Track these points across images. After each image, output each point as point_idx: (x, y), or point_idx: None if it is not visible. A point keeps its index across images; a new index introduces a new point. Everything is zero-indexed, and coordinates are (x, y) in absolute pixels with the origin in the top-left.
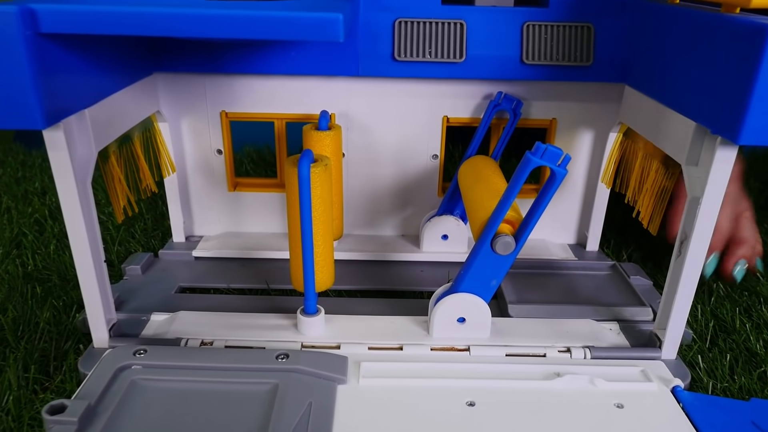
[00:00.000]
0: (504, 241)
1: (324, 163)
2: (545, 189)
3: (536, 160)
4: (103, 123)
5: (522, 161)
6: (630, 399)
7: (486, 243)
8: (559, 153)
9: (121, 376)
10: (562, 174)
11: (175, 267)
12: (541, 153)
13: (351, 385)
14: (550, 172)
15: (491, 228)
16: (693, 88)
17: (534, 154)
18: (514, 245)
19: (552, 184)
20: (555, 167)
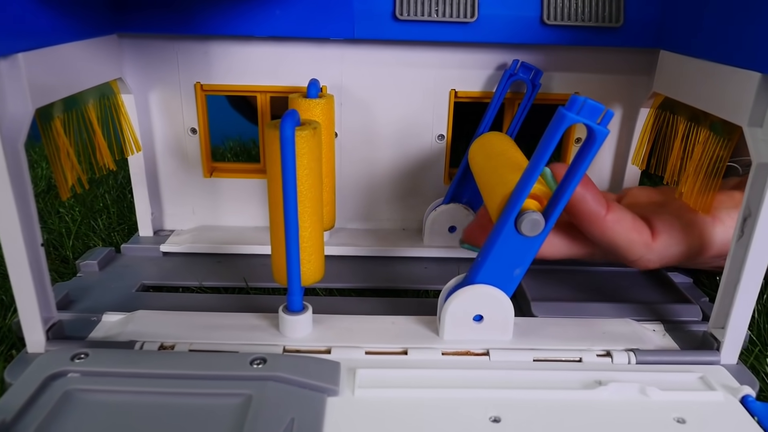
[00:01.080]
0: (531, 219)
1: (312, 127)
2: (582, 153)
3: (572, 116)
4: (43, 76)
5: (554, 118)
6: (692, 411)
7: (509, 222)
8: (600, 108)
9: (52, 385)
10: (604, 134)
11: (139, 263)
12: (578, 108)
13: (344, 396)
14: (589, 132)
15: (515, 204)
16: (758, 32)
17: (569, 110)
18: (543, 224)
19: (591, 146)
20: (595, 125)
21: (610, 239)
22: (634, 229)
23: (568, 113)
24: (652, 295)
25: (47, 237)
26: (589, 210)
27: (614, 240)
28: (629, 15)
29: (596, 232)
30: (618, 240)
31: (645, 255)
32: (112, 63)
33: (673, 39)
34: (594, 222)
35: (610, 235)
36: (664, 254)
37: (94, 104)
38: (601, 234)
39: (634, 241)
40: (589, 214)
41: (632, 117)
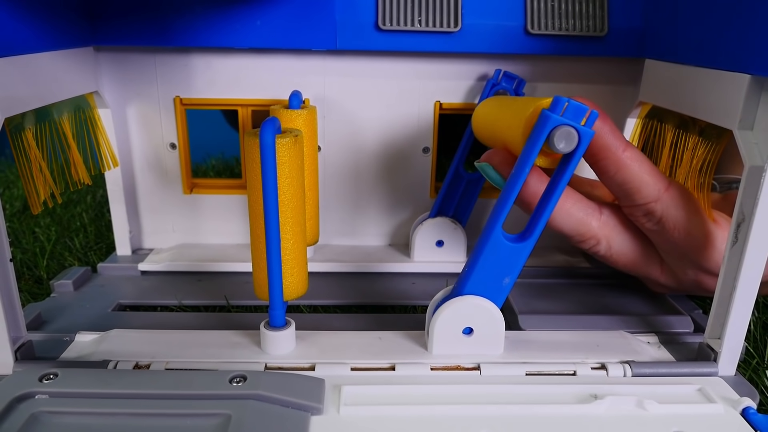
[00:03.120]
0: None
1: (294, 135)
2: (567, 156)
3: (556, 118)
4: (12, 85)
5: (538, 120)
6: (692, 424)
7: (497, 227)
8: (584, 109)
9: (19, 408)
10: (589, 135)
11: (116, 282)
12: (562, 109)
13: (329, 415)
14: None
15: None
16: (744, 34)
17: (553, 111)
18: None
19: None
20: (579, 127)
21: (624, 176)
22: (650, 172)
23: (551, 115)
24: (641, 306)
25: (21, 257)
26: (606, 143)
27: (628, 177)
28: (613, 24)
29: (611, 167)
30: (631, 178)
31: (653, 202)
32: (88, 76)
33: (658, 47)
34: (610, 156)
35: (624, 172)
36: (671, 212)
37: (68, 117)
38: (616, 169)
39: (647, 183)
40: (605, 148)
41: (619, 127)
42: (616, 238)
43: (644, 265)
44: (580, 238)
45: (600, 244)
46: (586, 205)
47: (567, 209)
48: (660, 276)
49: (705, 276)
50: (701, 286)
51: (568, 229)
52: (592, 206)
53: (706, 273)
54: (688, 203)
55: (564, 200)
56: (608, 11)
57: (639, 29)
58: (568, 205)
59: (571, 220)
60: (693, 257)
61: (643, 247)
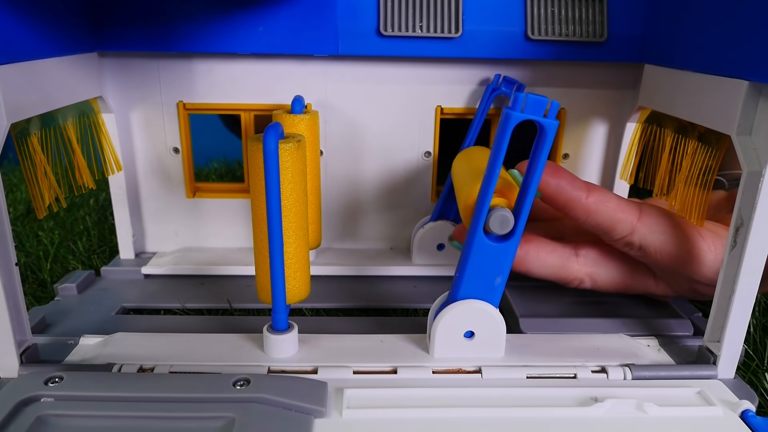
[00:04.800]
0: (499, 215)
1: (297, 140)
2: (536, 148)
3: (517, 115)
4: (19, 90)
5: (501, 119)
6: (691, 427)
7: (479, 229)
8: (544, 101)
9: (24, 411)
10: (553, 126)
11: (119, 286)
12: (522, 105)
13: (331, 418)
14: (538, 127)
15: (482, 205)
16: (743, 40)
17: (513, 108)
18: (512, 220)
19: (543, 140)
20: (542, 119)
21: (595, 221)
22: (618, 208)
23: (512, 112)
24: (641, 310)
25: (25, 260)
26: (569, 196)
27: (599, 220)
28: (613, 30)
29: (581, 215)
30: (603, 220)
31: (629, 235)
32: (92, 81)
33: (657, 52)
34: (576, 206)
35: (594, 216)
36: (649, 239)
37: (73, 122)
38: (586, 216)
39: (619, 219)
40: (569, 201)
41: (619, 132)
42: (600, 272)
43: (636, 285)
44: (563, 282)
45: (584, 282)
46: (560, 251)
47: (543, 259)
48: (656, 289)
49: (699, 285)
50: (699, 293)
51: (548, 276)
52: (567, 250)
53: (698, 283)
54: (665, 224)
55: (537, 251)
56: (608, 17)
57: (638, 35)
58: (543, 255)
59: (548, 268)
60: (682, 272)
61: (630, 270)
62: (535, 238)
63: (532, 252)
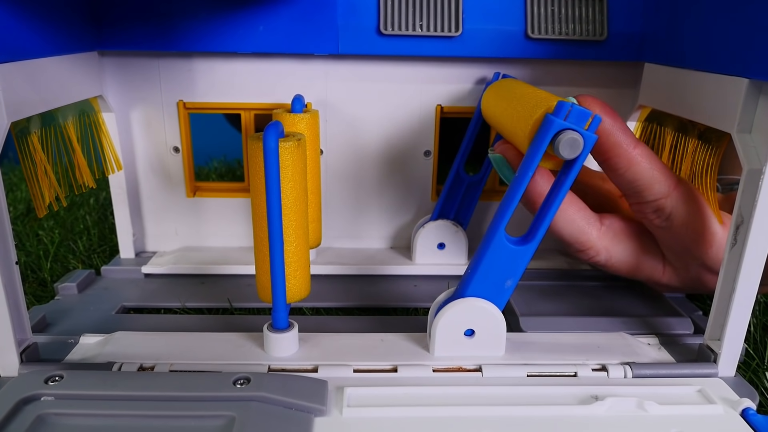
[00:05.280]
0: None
1: (297, 138)
2: (570, 161)
3: (559, 122)
4: (19, 89)
5: (542, 125)
6: (691, 425)
7: (499, 230)
8: (587, 114)
9: (24, 409)
10: (592, 140)
11: (119, 285)
12: (566, 114)
13: (332, 416)
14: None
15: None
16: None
17: (556, 115)
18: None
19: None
20: (583, 131)
21: (634, 174)
22: (660, 169)
23: (555, 119)
24: (642, 308)
25: (25, 260)
26: (618, 140)
27: (638, 174)
28: (613, 29)
29: (622, 163)
30: (642, 175)
31: (663, 198)
32: (92, 80)
33: (657, 51)
34: (621, 154)
35: (635, 168)
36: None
37: (73, 121)
38: (627, 167)
39: (657, 180)
40: (616, 144)
41: None
42: (616, 248)
43: (645, 270)
44: (580, 247)
45: (599, 254)
46: (588, 215)
47: (570, 215)
48: (662, 277)
49: (707, 273)
50: (703, 282)
51: (568, 235)
52: (594, 216)
53: (708, 270)
54: (696, 201)
55: (567, 206)
56: (608, 16)
57: (638, 33)
58: (572, 211)
59: (572, 226)
60: (697, 254)
61: (643, 253)
62: (569, 193)
63: (563, 204)
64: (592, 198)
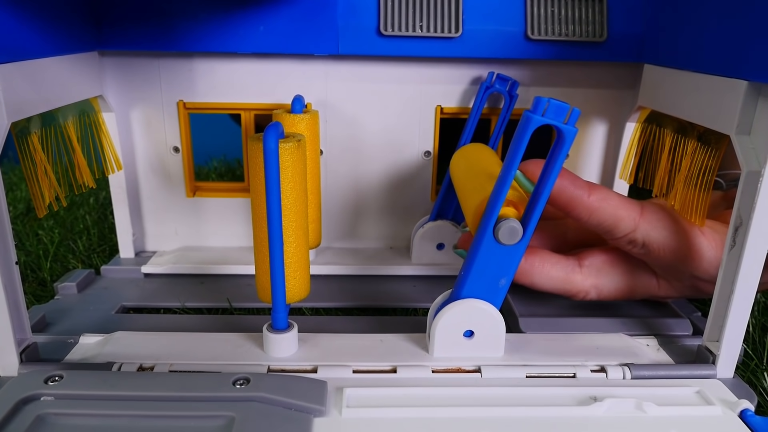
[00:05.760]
0: (509, 227)
1: (297, 139)
2: (553, 154)
3: (538, 119)
4: (19, 89)
5: (521, 121)
6: (690, 426)
7: (488, 232)
8: (565, 107)
9: (24, 409)
10: (572, 132)
11: (119, 285)
12: (543, 109)
13: (331, 417)
14: (557, 132)
15: (491, 213)
16: (742, 40)
17: (534, 112)
18: (521, 231)
19: (560, 147)
20: (562, 125)
21: (598, 219)
22: (621, 205)
23: (533, 116)
24: (640, 309)
25: (25, 259)
26: (571, 196)
27: (601, 218)
28: (612, 30)
29: (583, 215)
30: (606, 218)
31: (632, 232)
32: (93, 80)
33: (657, 52)
34: (579, 206)
35: (597, 215)
36: (652, 236)
37: (73, 121)
38: (589, 215)
39: (621, 217)
40: (571, 200)
41: (618, 131)
42: (604, 281)
43: (640, 290)
44: (568, 295)
45: (590, 294)
46: (564, 263)
47: (546, 272)
48: (658, 291)
49: (701, 282)
50: (699, 290)
51: (552, 289)
52: (571, 262)
53: (701, 280)
54: (666, 220)
55: (542, 264)
56: (607, 17)
57: (638, 35)
58: (547, 268)
59: (553, 282)
60: (685, 268)
61: (633, 276)
62: (540, 251)
63: (537, 264)
64: (573, 233)
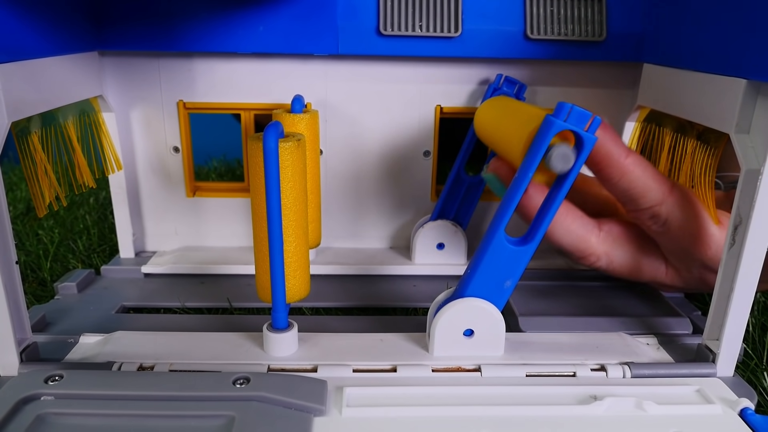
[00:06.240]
0: (561, 152)
1: (296, 139)
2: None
3: (560, 123)
4: (19, 89)
5: (542, 126)
6: (690, 425)
7: (499, 231)
8: (587, 115)
9: (24, 409)
10: (592, 140)
11: (119, 285)
12: (566, 115)
13: (331, 416)
14: (577, 139)
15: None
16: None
17: (557, 116)
18: (574, 157)
19: (579, 154)
20: (583, 132)
21: (628, 183)
22: (653, 176)
23: (555, 120)
24: (640, 308)
25: (25, 259)
26: (609, 151)
27: (632, 183)
28: (612, 29)
29: (615, 174)
30: (635, 184)
31: (658, 205)
32: (93, 80)
33: (656, 51)
34: (614, 164)
35: (628, 178)
36: (676, 214)
37: (73, 121)
38: (620, 176)
39: (651, 188)
40: (608, 156)
41: (618, 130)
42: (616, 252)
43: (647, 272)
44: (580, 254)
45: (600, 260)
46: (585, 222)
47: (567, 225)
48: (665, 278)
49: (709, 273)
50: (706, 282)
51: (567, 244)
52: (591, 222)
53: (709, 270)
54: (692, 205)
55: (564, 216)
56: (607, 16)
57: (637, 34)
58: (569, 221)
59: (570, 236)
60: (697, 256)
61: (644, 255)
62: (565, 203)
63: (561, 213)
64: (591, 204)
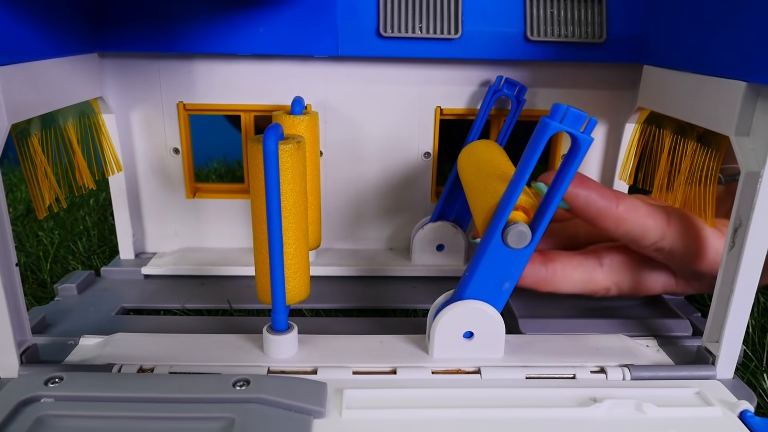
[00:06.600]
0: (517, 231)
1: (296, 141)
2: (567, 162)
3: (555, 125)
4: (19, 91)
5: (538, 127)
6: (689, 427)
7: (496, 234)
8: (583, 116)
9: (24, 411)
10: (588, 141)
11: (119, 286)
12: (561, 116)
13: (331, 418)
14: (573, 140)
15: (501, 215)
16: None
17: (552, 118)
18: (529, 236)
19: (576, 154)
20: (578, 134)
21: (626, 229)
22: (648, 215)
23: (551, 122)
24: (640, 310)
25: (25, 261)
26: (599, 208)
27: (629, 228)
28: (612, 31)
29: (611, 225)
30: (633, 228)
31: (659, 241)
32: (93, 82)
33: (656, 53)
34: (607, 217)
35: (624, 225)
36: (678, 243)
37: (73, 123)
38: (616, 226)
39: (649, 227)
40: (600, 212)
41: (618, 132)
42: (624, 279)
43: (658, 288)
44: (590, 294)
45: (610, 290)
46: (586, 264)
47: (569, 276)
48: (676, 289)
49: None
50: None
51: (576, 291)
52: (590, 261)
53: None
54: (692, 228)
55: (563, 267)
56: (607, 18)
57: (637, 36)
58: (569, 271)
59: (576, 284)
60: (705, 270)
61: (652, 274)
62: (559, 256)
63: (559, 271)
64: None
